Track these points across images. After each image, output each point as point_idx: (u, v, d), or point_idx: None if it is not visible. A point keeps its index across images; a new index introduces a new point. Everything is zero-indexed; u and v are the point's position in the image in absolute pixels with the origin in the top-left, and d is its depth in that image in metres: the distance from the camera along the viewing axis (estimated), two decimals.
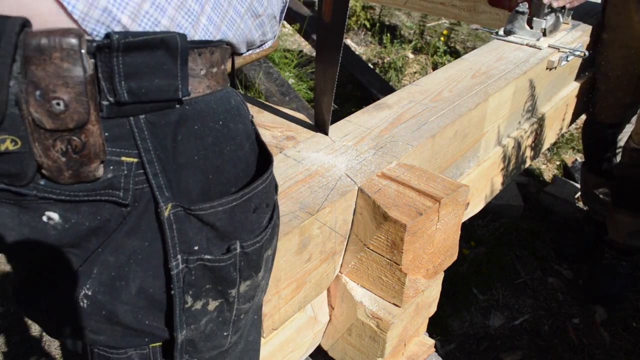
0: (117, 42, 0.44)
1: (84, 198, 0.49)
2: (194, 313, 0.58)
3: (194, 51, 0.51)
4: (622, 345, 1.84)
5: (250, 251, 0.59)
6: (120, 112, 0.47)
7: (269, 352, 0.95)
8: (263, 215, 0.61)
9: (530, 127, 1.56)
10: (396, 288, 0.93)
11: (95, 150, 0.46)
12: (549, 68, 1.50)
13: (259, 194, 0.58)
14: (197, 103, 0.53)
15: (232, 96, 0.59)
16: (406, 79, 3.64)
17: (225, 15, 0.54)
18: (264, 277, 0.65)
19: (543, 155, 2.82)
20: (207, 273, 0.56)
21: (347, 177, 0.94)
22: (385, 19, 4.38)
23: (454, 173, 1.28)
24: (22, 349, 1.76)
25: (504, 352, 1.83)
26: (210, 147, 0.54)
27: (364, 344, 1.04)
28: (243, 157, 0.59)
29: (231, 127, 0.57)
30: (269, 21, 0.62)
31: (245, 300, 0.63)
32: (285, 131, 1.09)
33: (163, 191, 0.51)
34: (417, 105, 1.20)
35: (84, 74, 0.43)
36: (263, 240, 0.60)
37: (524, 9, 1.53)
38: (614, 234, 1.97)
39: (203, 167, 0.54)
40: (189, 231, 0.54)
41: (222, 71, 0.56)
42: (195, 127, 0.52)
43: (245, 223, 0.58)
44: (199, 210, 0.53)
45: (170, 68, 0.48)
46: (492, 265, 2.16)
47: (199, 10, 0.50)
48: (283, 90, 2.92)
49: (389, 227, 0.88)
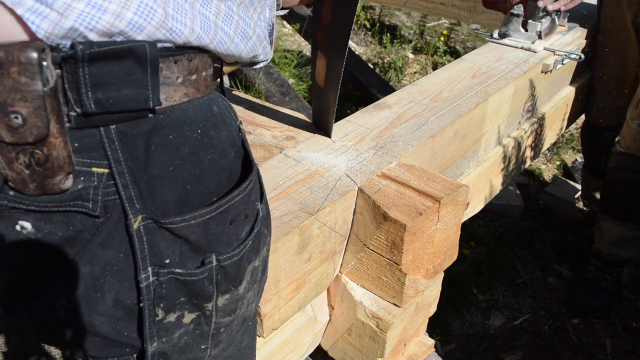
0: (82, 52, 0.43)
1: (54, 209, 0.48)
2: (166, 325, 0.57)
3: (169, 59, 0.50)
4: (622, 345, 1.84)
5: (227, 264, 0.57)
6: (89, 122, 0.47)
7: (269, 352, 0.95)
8: (241, 227, 0.59)
9: (530, 127, 1.56)
10: (396, 288, 0.93)
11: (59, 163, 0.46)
12: (544, 71, 1.49)
13: (235, 205, 0.57)
14: (173, 112, 0.52)
15: (216, 103, 0.57)
16: (406, 79, 3.64)
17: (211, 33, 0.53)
18: (249, 289, 0.64)
19: (543, 155, 2.82)
20: (180, 286, 0.55)
21: (347, 177, 0.94)
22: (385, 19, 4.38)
23: (454, 173, 1.28)
24: (22, 349, 1.76)
25: (504, 352, 1.83)
26: (187, 156, 0.53)
27: (364, 344, 1.04)
28: (226, 165, 0.57)
29: (212, 136, 0.55)
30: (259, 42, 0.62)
31: (225, 314, 0.61)
32: (285, 131, 1.09)
33: (133, 203, 0.50)
34: (417, 105, 1.20)
35: (42, 88, 0.43)
36: (242, 252, 0.59)
37: (519, 11, 1.51)
38: (599, 242, 1.93)
39: (179, 178, 0.53)
40: (160, 244, 0.53)
41: (203, 78, 0.55)
42: (170, 137, 0.51)
43: (221, 236, 0.57)
44: (170, 224, 0.52)
45: (140, 77, 0.47)
46: (492, 265, 2.16)
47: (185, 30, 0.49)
48: (283, 90, 2.93)
49: (389, 227, 0.88)
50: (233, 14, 0.55)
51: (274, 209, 0.85)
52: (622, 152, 1.73)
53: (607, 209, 1.87)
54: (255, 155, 1.06)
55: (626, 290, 2.05)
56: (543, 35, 1.54)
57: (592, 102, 1.88)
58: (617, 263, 1.93)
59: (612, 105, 1.81)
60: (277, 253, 0.80)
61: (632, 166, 1.72)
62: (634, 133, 1.66)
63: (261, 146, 1.05)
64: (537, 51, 1.49)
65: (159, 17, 0.46)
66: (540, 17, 1.51)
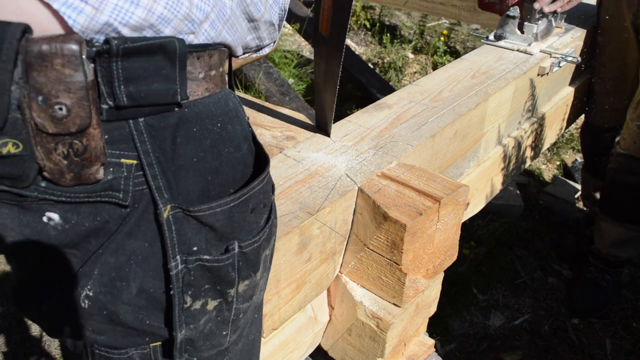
0: (116, 47, 0.45)
1: (85, 199, 0.49)
2: (193, 313, 0.58)
3: (193, 55, 0.52)
4: (622, 345, 1.84)
5: (248, 251, 0.59)
6: (120, 115, 0.48)
7: (269, 352, 0.95)
8: (261, 215, 0.61)
9: (531, 127, 1.56)
10: (396, 288, 0.93)
11: (96, 153, 0.47)
12: (540, 74, 1.47)
13: (256, 194, 0.59)
14: (196, 106, 0.54)
15: (230, 98, 0.59)
16: (406, 79, 3.64)
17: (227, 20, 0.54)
18: (262, 277, 0.66)
19: (543, 155, 2.82)
20: (206, 273, 0.57)
21: (347, 177, 0.94)
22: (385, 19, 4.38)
23: (454, 173, 1.28)
24: (22, 349, 1.76)
25: (504, 352, 1.83)
26: (209, 149, 0.55)
27: (364, 344, 1.04)
28: (241, 158, 0.59)
29: (229, 129, 0.57)
30: (265, 27, 0.63)
31: (244, 299, 0.63)
32: (285, 131, 1.09)
33: (162, 193, 0.52)
34: (417, 105, 1.20)
35: (85, 79, 0.44)
36: (261, 240, 0.61)
37: (514, 13, 1.49)
38: (598, 242, 1.93)
39: (202, 169, 0.54)
40: (187, 232, 0.54)
41: (220, 73, 0.57)
42: (194, 130, 0.53)
43: (243, 223, 0.59)
44: (197, 212, 0.54)
45: (169, 72, 0.49)
46: (492, 265, 2.16)
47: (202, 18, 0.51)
48: (283, 90, 2.93)
49: (389, 227, 0.88)
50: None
51: None
52: (621, 153, 1.73)
53: (606, 209, 1.86)
54: None
55: (626, 290, 2.05)
56: (539, 37, 1.52)
57: (592, 103, 1.87)
58: (617, 263, 1.93)
59: (612, 106, 1.80)
60: (277, 253, 0.80)
61: (632, 168, 1.71)
62: (634, 134, 1.66)
63: None
64: (533, 54, 1.48)
65: (185, 9, 0.48)
66: (536, 19, 1.49)
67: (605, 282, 1.95)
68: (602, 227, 1.89)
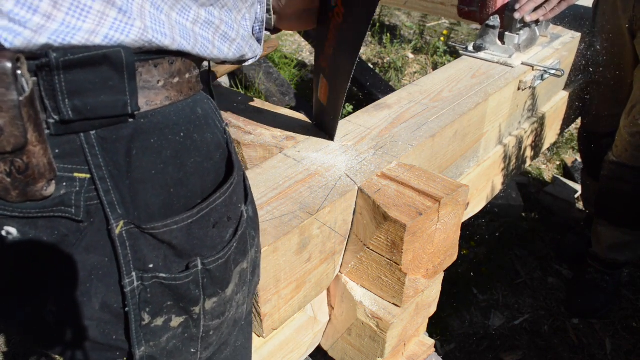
0: (56, 60, 0.43)
1: (38, 215, 0.48)
2: (154, 330, 0.57)
3: (149, 63, 0.50)
4: (622, 345, 1.84)
5: (212, 268, 0.57)
6: (69, 129, 0.47)
7: (269, 352, 0.95)
8: (225, 229, 0.59)
9: (531, 127, 1.56)
10: (396, 288, 0.93)
11: (39, 170, 0.46)
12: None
13: (217, 208, 0.57)
14: (154, 116, 0.52)
15: (200, 105, 0.57)
16: (406, 79, 3.64)
17: (189, 37, 0.52)
18: (237, 291, 0.64)
19: (543, 155, 2.82)
20: (166, 290, 0.55)
21: (347, 177, 0.94)
22: (385, 19, 4.38)
23: (454, 173, 1.28)
24: (22, 349, 1.76)
25: (504, 352, 1.83)
26: (170, 160, 0.53)
27: (364, 344, 1.04)
28: (211, 168, 0.57)
29: (195, 138, 0.55)
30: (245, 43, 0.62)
31: (214, 316, 0.61)
32: (285, 131, 1.09)
33: (115, 208, 0.50)
34: (417, 105, 1.20)
35: (18, 98, 0.42)
36: (227, 255, 0.59)
37: (495, 22, 1.39)
38: (596, 245, 1.93)
39: (162, 181, 0.52)
40: (143, 249, 0.53)
41: (186, 80, 0.55)
42: (151, 141, 0.51)
43: (204, 239, 0.56)
44: (152, 229, 0.52)
45: (117, 83, 0.47)
46: (492, 265, 2.16)
47: (161, 38, 0.49)
48: (283, 90, 2.93)
49: (389, 227, 0.88)
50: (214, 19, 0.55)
51: (274, 209, 0.85)
52: (614, 161, 1.71)
53: (602, 214, 1.86)
54: (255, 155, 1.06)
55: (626, 290, 2.05)
56: (522, 48, 1.43)
57: (588, 108, 1.85)
58: (615, 266, 1.93)
59: (609, 112, 1.78)
60: (277, 253, 0.80)
61: (624, 175, 1.70)
62: (626, 142, 1.64)
63: (261, 146, 1.05)
64: (514, 66, 1.39)
65: (136, 31, 0.46)
66: (518, 28, 1.40)
67: (604, 283, 1.94)
68: (598, 231, 1.88)
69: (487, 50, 1.44)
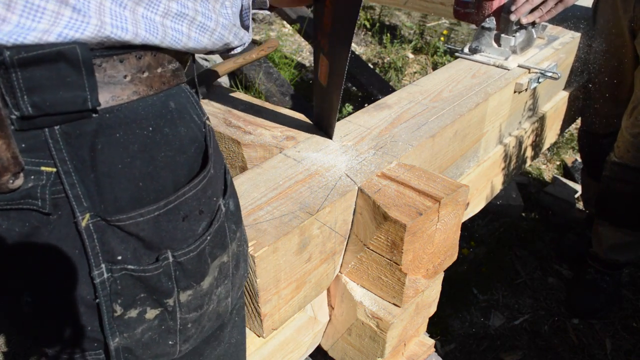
0: (10, 58, 0.44)
1: (6, 207, 0.49)
2: (127, 321, 0.57)
3: (113, 58, 0.51)
4: (622, 345, 1.84)
5: (184, 260, 0.58)
6: (32, 124, 0.47)
7: (269, 352, 0.96)
8: (197, 222, 0.59)
9: (531, 127, 1.56)
10: (396, 288, 0.93)
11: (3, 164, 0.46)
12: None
13: (187, 201, 0.57)
14: (120, 110, 0.52)
15: (174, 98, 0.58)
16: (406, 79, 3.64)
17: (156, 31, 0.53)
18: (218, 285, 0.64)
19: (543, 155, 2.82)
20: (137, 282, 0.56)
21: (347, 177, 0.94)
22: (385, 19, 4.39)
23: (454, 173, 1.28)
24: (22, 349, 1.76)
25: (504, 352, 1.83)
26: (138, 154, 0.53)
27: (364, 344, 1.04)
28: (184, 162, 0.57)
29: (166, 132, 0.55)
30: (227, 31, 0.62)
31: (190, 309, 0.62)
32: (285, 131, 1.09)
33: (81, 201, 0.51)
34: (417, 105, 1.20)
35: None
36: (200, 248, 0.59)
37: (490, 24, 1.38)
38: (596, 246, 1.92)
39: (130, 175, 0.53)
40: (111, 241, 0.53)
41: (158, 75, 0.55)
42: (117, 135, 0.52)
43: (173, 232, 0.57)
44: (117, 221, 0.53)
45: (75, 79, 0.47)
46: (492, 265, 2.16)
47: (121, 34, 0.49)
48: (283, 90, 2.93)
49: (389, 227, 0.88)
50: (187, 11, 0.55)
51: (274, 209, 0.85)
52: (615, 161, 1.71)
53: (603, 214, 1.85)
54: (255, 155, 1.06)
55: (626, 290, 2.05)
56: (518, 50, 1.41)
57: (588, 109, 1.84)
58: (616, 266, 1.93)
59: (609, 112, 1.78)
60: (277, 253, 0.80)
61: (626, 176, 1.69)
62: (628, 143, 1.64)
63: (261, 146, 1.05)
64: (510, 68, 1.37)
65: (92, 28, 0.47)
66: (514, 30, 1.39)
67: (605, 283, 1.94)
68: (599, 231, 1.88)
69: (483, 52, 1.43)
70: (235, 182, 0.92)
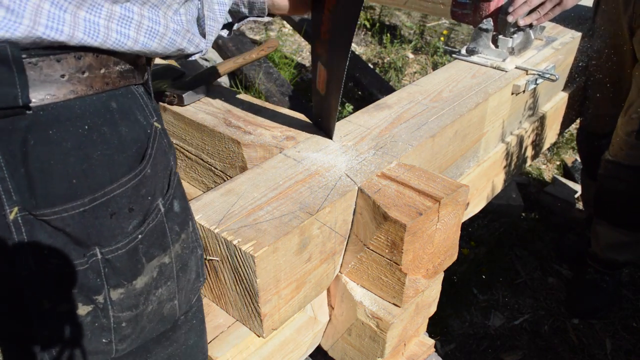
0: None
1: None
2: (57, 316, 0.58)
3: (50, 57, 0.52)
4: (622, 345, 1.84)
5: (112, 258, 0.59)
6: None
7: (269, 352, 0.96)
8: (126, 220, 0.60)
9: (531, 127, 1.56)
10: (396, 288, 0.93)
11: None
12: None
13: (116, 198, 0.58)
14: (55, 108, 0.53)
15: (119, 99, 0.59)
16: (406, 79, 3.64)
17: (96, 33, 0.54)
18: (158, 286, 0.65)
19: (543, 155, 2.82)
20: (65, 278, 0.57)
21: (347, 177, 0.94)
22: (385, 19, 4.39)
23: (454, 173, 1.28)
24: None
25: (504, 352, 1.83)
26: (71, 151, 0.54)
27: (363, 344, 1.04)
28: (124, 161, 0.58)
29: (104, 131, 0.57)
30: (180, 37, 0.63)
31: (123, 308, 0.62)
32: (285, 131, 1.09)
33: (10, 195, 0.52)
34: (417, 105, 1.20)
35: None
36: (129, 247, 0.60)
37: (488, 26, 1.38)
38: (595, 245, 1.92)
39: (63, 172, 0.54)
40: (39, 235, 0.55)
41: (100, 75, 0.57)
42: (49, 132, 0.53)
43: (100, 229, 0.58)
44: (43, 216, 0.54)
45: (5, 77, 0.49)
46: (492, 265, 2.16)
47: (55, 35, 0.51)
48: (283, 90, 2.93)
49: (389, 227, 0.88)
50: (132, 15, 0.57)
51: (274, 209, 0.85)
52: (610, 160, 1.71)
53: (600, 213, 1.85)
54: (255, 155, 1.06)
55: (626, 290, 2.05)
56: (516, 51, 1.41)
57: (588, 109, 1.84)
58: (615, 266, 1.92)
59: (608, 113, 1.77)
60: (277, 253, 0.80)
61: (620, 175, 1.69)
62: (622, 141, 1.64)
63: (261, 146, 1.05)
64: (507, 70, 1.37)
65: (23, 29, 0.48)
66: (511, 32, 1.38)
67: (604, 283, 1.94)
68: (597, 231, 1.88)
69: (481, 54, 1.42)
70: (235, 182, 0.92)
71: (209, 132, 1.11)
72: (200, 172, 1.21)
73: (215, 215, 0.83)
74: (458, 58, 1.45)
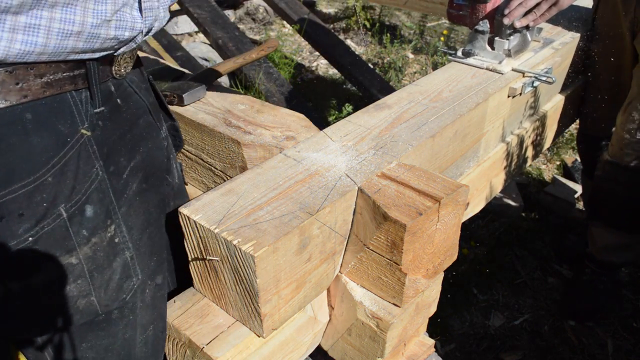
0: None
1: None
2: None
3: None
4: (623, 345, 1.84)
5: (3, 256, 0.63)
6: None
7: (269, 352, 0.95)
8: (17, 224, 0.63)
9: (531, 127, 1.56)
10: (396, 288, 0.93)
11: None
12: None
13: (6, 203, 0.61)
14: None
15: (34, 110, 0.61)
16: (406, 79, 3.64)
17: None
18: (65, 284, 0.69)
19: (543, 155, 2.82)
20: None
21: (347, 177, 0.94)
22: (385, 19, 4.39)
23: (454, 173, 1.28)
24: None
25: (504, 352, 1.83)
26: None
27: (363, 344, 1.04)
28: (24, 168, 0.62)
29: (12, 142, 0.60)
30: (104, 29, 0.63)
31: (24, 300, 0.68)
32: (285, 131, 1.09)
33: None
34: (417, 105, 1.20)
35: None
36: (21, 248, 0.64)
37: (484, 27, 1.37)
38: (592, 247, 1.91)
39: None
40: None
41: (16, 89, 0.59)
42: None
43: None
44: None
45: None
46: (492, 265, 2.16)
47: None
48: (283, 90, 2.92)
49: (389, 227, 0.88)
50: (41, 21, 0.57)
51: (274, 209, 0.85)
52: (608, 160, 1.70)
53: (596, 215, 1.84)
54: (255, 155, 1.06)
55: (626, 290, 2.05)
56: (513, 53, 1.39)
57: (587, 111, 1.83)
58: (612, 267, 1.91)
59: (608, 115, 1.75)
60: (277, 253, 0.80)
61: (618, 176, 1.68)
62: (621, 140, 1.63)
63: (261, 146, 1.05)
64: (503, 72, 1.35)
65: None
66: (508, 34, 1.37)
67: (602, 284, 1.92)
68: (593, 232, 1.86)
69: (477, 56, 1.41)
70: (235, 182, 0.92)
71: (209, 132, 1.11)
72: (200, 172, 1.21)
73: (215, 215, 0.83)
74: (454, 60, 1.44)
